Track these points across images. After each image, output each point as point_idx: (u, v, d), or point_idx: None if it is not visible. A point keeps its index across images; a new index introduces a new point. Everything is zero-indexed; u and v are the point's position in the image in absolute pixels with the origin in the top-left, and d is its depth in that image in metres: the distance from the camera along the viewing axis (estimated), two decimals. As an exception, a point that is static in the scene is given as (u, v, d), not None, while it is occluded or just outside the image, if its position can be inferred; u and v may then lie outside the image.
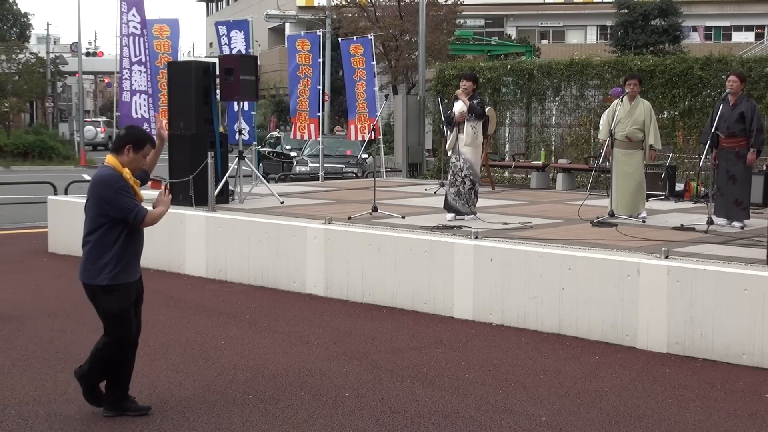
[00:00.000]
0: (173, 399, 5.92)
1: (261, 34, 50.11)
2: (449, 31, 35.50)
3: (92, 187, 5.38)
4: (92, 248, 5.38)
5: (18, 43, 43.63)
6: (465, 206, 10.24)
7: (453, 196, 10.26)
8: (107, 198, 5.30)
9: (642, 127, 10.44)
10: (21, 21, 57.30)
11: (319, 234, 9.54)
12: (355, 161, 22.73)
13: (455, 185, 10.25)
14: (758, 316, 6.77)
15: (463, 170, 10.18)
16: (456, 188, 10.24)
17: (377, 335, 7.78)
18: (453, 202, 10.27)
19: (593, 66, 16.05)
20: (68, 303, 8.97)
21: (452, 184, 10.28)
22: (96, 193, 5.34)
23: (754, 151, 9.84)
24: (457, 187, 10.23)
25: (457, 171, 10.22)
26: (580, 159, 15.91)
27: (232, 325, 8.12)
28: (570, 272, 7.75)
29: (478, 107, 10.12)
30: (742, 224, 9.93)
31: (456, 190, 10.23)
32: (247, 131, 14.84)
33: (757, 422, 5.57)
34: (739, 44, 44.66)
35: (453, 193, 10.27)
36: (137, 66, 12.49)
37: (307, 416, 5.58)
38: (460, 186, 10.21)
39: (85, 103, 62.09)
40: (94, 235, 5.37)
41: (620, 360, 7.00)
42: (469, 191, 10.22)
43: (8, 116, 39.56)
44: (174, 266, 10.91)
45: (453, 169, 10.29)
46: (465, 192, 10.21)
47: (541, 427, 5.43)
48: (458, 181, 10.22)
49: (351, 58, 17.71)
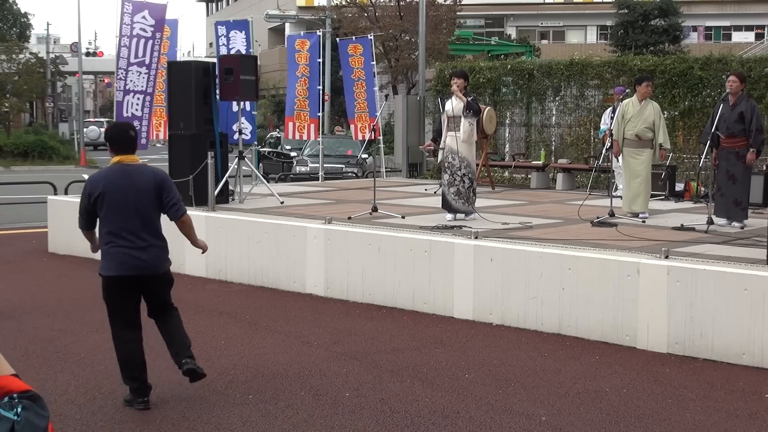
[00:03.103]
0: (173, 399, 5.92)
1: (261, 34, 50.10)
2: (449, 31, 35.50)
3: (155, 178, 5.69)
4: (163, 239, 5.80)
5: (18, 43, 43.59)
6: (465, 205, 10.24)
7: (453, 196, 10.26)
8: (170, 184, 5.79)
9: (652, 126, 10.56)
10: (21, 21, 57.26)
11: (319, 234, 9.54)
12: (355, 161, 22.72)
13: (454, 185, 10.24)
14: (758, 316, 6.77)
15: (461, 169, 10.18)
16: (455, 187, 10.23)
17: (377, 335, 7.78)
18: (453, 202, 10.26)
19: (593, 66, 16.05)
20: (68, 303, 8.98)
21: (451, 184, 10.27)
22: (165, 183, 5.74)
23: (754, 151, 9.85)
24: (456, 186, 10.23)
25: (455, 170, 10.22)
26: (580, 159, 15.91)
27: (232, 325, 8.12)
28: (570, 272, 7.75)
29: (475, 104, 10.22)
30: (742, 224, 9.94)
31: (456, 189, 10.23)
32: (249, 131, 14.84)
33: (757, 422, 5.57)
34: (739, 44, 44.66)
35: (453, 192, 10.26)
36: (136, 67, 12.47)
37: (307, 416, 5.58)
38: (459, 185, 10.21)
39: (85, 103, 62.14)
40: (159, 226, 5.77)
41: (620, 360, 7.00)
42: (468, 189, 10.23)
43: (8, 116, 39.55)
44: (174, 266, 10.73)
45: (451, 169, 10.26)
46: (465, 191, 10.21)
47: (541, 427, 5.43)
48: (457, 180, 10.22)
49: (349, 58, 17.70)
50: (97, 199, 5.59)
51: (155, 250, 5.74)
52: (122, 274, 5.64)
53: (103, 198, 5.57)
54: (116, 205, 5.58)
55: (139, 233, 5.64)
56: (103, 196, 5.57)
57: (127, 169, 5.66)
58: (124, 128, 5.83)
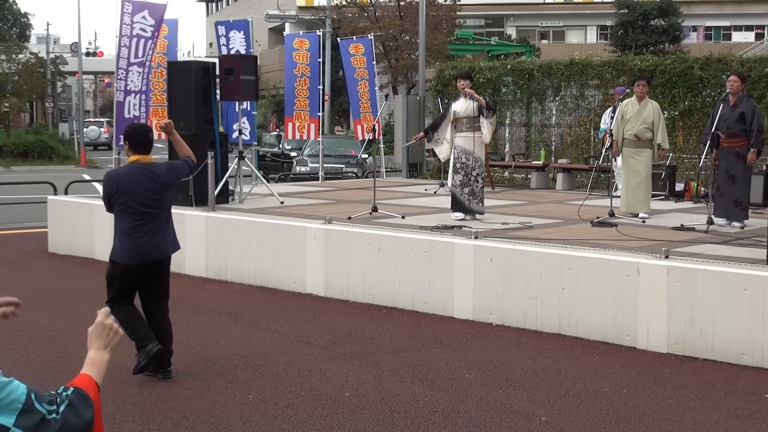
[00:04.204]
0: (173, 399, 5.92)
1: (261, 34, 50.10)
2: (449, 31, 35.50)
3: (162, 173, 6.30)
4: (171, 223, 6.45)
5: (18, 43, 43.55)
6: (479, 205, 10.25)
7: (468, 197, 10.18)
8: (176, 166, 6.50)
9: (651, 126, 10.62)
10: (21, 21, 57.20)
11: (319, 234, 9.54)
12: (355, 161, 22.72)
13: (469, 185, 10.18)
14: (758, 316, 6.77)
15: (475, 169, 10.17)
16: (470, 188, 10.18)
17: (377, 335, 7.78)
18: (467, 203, 10.18)
19: (593, 66, 16.06)
20: (68, 303, 8.98)
21: (465, 184, 10.18)
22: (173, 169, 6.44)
23: (754, 151, 9.85)
24: (470, 187, 10.18)
25: (469, 170, 10.15)
26: (580, 159, 15.91)
27: (232, 325, 8.12)
28: (570, 272, 7.75)
29: (492, 102, 10.40)
30: (742, 224, 9.94)
31: (470, 189, 10.18)
32: (249, 131, 14.83)
33: (757, 422, 5.57)
34: (739, 44, 44.66)
35: (467, 193, 10.18)
36: (136, 67, 12.47)
37: (307, 416, 5.58)
38: (473, 185, 10.18)
39: (85, 103, 62.13)
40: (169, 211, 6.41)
41: (620, 360, 7.00)
42: (481, 190, 10.27)
43: (8, 116, 39.54)
44: (174, 266, 10.76)
45: (465, 169, 10.16)
46: (478, 191, 10.22)
47: (541, 427, 5.43)
48: (471, 180, 10.18)
49: (351, 58, 17.69)
50: (114, 195, 6.21)
51: (169, 236, 6.48)
52: (139, 263, 6.31)
53: (121, 193, 6.17)
54: (135, 199, 6.18)
55: (155, 222, 6.31)
56: (119, 191, 6.17)
57: (144, 167, 6.26)
58: (144, 129, 6.47)
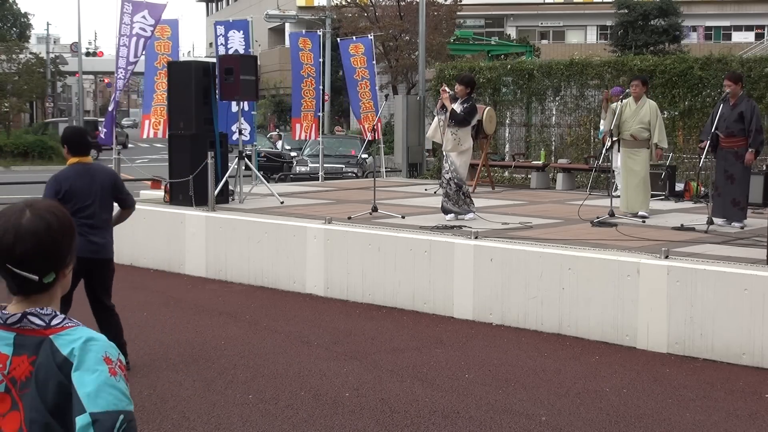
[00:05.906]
0: (173, 399, 5.92)
1: (261, 34, 50.09)
2: (449, 31, 35.48)
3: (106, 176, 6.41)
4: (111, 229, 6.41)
5: (18, 43, 43.51)
6: (455, 206, 10.25)
7: (443, 197, 10.37)
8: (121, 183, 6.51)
9: (647, 126, 10.61)
10: (21, 21, 57.20)
11: (319, 234, 9.53)
12: (355, 161, 22.71)
13: (443, 186, 10.41)
14: (758, 316, 6.77)
15: (448, 172, 10.20)
16: (444, 190, 10.35)
17: (377, 335, 7.78)
18: (444, 203, 10.35)
19: (593, 66, 16.04)
20: (68, 303, 8.97)
21: (441, 185, 10.46)
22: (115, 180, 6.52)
23: (753, 151, 9.84)
24: (444, 189, 10.32)
25: (444, 173, 10.35)
26: (580, 159, 15.90)
27: (232, 325, 8.12)
28: (570, 272, 7.75)
29: (461, 114, 9.91)
30: (742, 224, 9.94)
31: (444, 191, 10.33)
32: (248, 131, 14.82)
33: (757, 422, 5.57)
34: (739, 44, 44.62)
35: (443, 194, 10.40)
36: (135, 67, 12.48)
37: (307, 416, 5.58)
38: (446, 188, 10.26)
39: (85, 103, 62.10)
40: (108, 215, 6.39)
41: (620, 360, 7.00)
42: (456, 193, 10.22)
43: (8, 116, 39.53)
44: (174, 266, 10.91)
45: (442, 171, 10.44)
46: (452, 194, 10.22)
47: (541, 427, 5.43)
48: (444, 183, 10.31)
49: (351, 58, 17.67)
50: (65, 195, 6.24)
51: (108, 236, 6.44)
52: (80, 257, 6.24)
53: (70, 193, 6.24)
54: (82, 199, 6.27)
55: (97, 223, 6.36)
56: (69, 191, 6.24)
57: (88, 167, 6.40)
58: (81, 132, 6.61)
